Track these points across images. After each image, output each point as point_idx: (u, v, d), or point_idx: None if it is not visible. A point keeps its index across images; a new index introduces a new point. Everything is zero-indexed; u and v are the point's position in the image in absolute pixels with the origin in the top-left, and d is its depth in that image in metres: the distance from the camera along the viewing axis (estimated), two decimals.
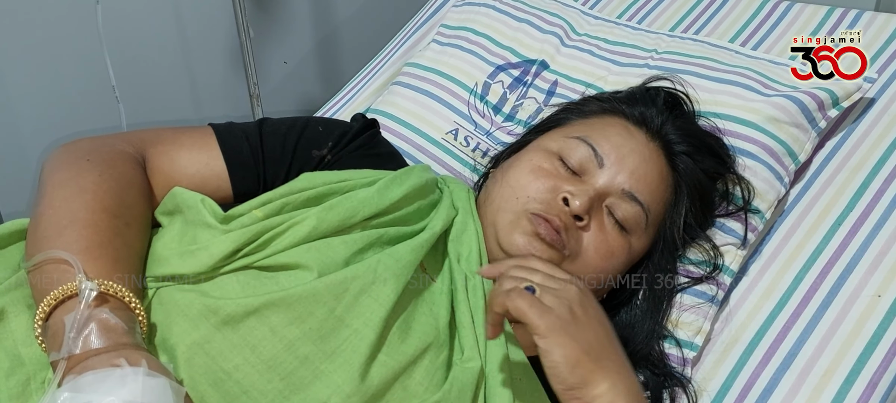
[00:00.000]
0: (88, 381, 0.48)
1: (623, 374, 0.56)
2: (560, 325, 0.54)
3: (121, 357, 0.50)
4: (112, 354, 0.50)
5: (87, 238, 0.58)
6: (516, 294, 0.55)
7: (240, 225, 0.62)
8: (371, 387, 0.56)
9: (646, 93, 0.81)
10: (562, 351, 0.53)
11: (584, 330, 0.55)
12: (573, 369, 0.53)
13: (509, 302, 0.55)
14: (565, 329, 0.54)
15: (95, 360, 0.50)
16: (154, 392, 0.49)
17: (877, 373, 0.75)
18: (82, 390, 0.48)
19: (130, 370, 0.49)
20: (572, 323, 0.54)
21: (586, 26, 1.05)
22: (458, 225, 0.71)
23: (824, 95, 0.89)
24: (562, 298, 0.55)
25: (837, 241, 0.85)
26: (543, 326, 0.53)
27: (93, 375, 0.48)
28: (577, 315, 0.55)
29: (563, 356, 0.53)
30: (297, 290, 0.58)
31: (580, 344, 0.54)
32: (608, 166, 0.71)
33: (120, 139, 0.70)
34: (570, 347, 0.53)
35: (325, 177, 0.68)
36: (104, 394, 0.47)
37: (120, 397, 0.47)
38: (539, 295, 0.56)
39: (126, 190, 0.64)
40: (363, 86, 1.20)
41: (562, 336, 0.53)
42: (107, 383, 0.48)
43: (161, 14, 1.46)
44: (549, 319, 0.53)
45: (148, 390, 0.48)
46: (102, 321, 0.53)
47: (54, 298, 0.54)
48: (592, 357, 0.54)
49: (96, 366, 0.49)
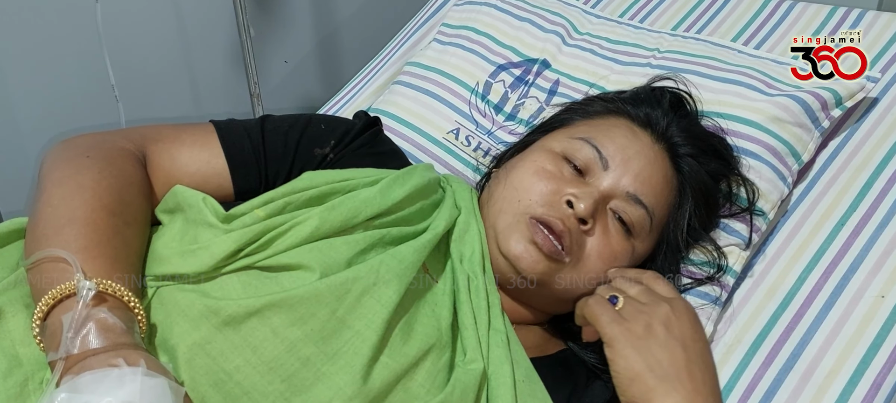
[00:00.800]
0: (86, 381, 0.48)
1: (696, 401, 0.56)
2: (628, 338, 0.55)
3: (119, 357, 0.49)
4: (110, 354, 0.50)
5: (86, 236, 0.57)
6: (595, 301, 0.58)
7: (241, 224, 0.62)
8: (373, 389, 0.56)
9: (651, 93, 0.80)
10: (624, 363, 0.55)
11: (656, 348, 0.56)
12: (631, 382, 0.55)
13: (586, 307, 0.58)
14: (633, 342, 0.55)
15: (93, 360, 0.49)
16: (153, 392, 0.48)
17: (881, 374, 0.75)
18: (80, 390, 0.47)
19: (129, 370, 0.48)
20: (644, 338, 0.56)
21: (588, 25, 1.05)
22: (461, 225, 0.70)
23: (827, 95, 0.89)
24: (643, 313, 0.57)
25: (841, 241, 0.85)
26: (609, 335, 0.56)
27: (90, 375, 0.48)
28: (655, 332, 0.56)
29: (623, 367, 0.55)
30: (298, 291, 0.57)
31: (645, 360, 0.55)
32: (613, 168, 0.71)
33: (120, 135, 0.69)
34: (634, 360, 0.55)
35: (327, 177, 0.68)
36: (102, 395, 0.47)
37: (118, 397, 0.47)
38: (621, 307, 0.58)
39: (126, 187, 0.63)
40: (364, 85, 1.20)
41: (627, 349, 0.55)
42: (105, 383, 0.47)
43: (161, 13, 1.45)
44: (618, 330, 0.56)
45: (146, 390, 0.48)
46: (100, 320, 0.52)
47: (52, 297, 0.53)
48: (657, 376, 0.55)
49: (94, 366, 0.49)
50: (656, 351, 0.56)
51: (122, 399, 0.47)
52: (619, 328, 0.56)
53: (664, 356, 0.56)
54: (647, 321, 0.57)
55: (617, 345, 0.55)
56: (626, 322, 0.56)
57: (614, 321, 0.56)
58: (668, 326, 0.57)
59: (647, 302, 0.58)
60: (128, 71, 1.37)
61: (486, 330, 0.64)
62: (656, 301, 0.59)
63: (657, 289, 0.61)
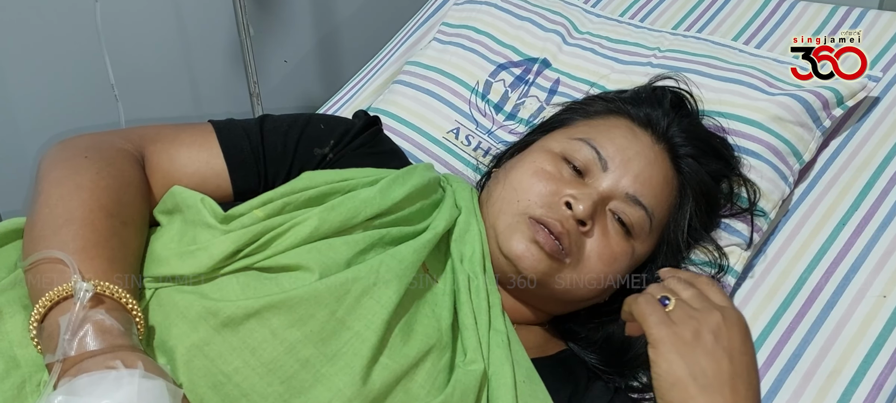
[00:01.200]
0: (83, 384, 0.47)
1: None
2: (673, 341, 0.54)
3: (116, 360, 0.49)
4: (107, 356, 0.49)
5: (84, 237, 0.57)
6: (645, 299, 0.56)
7: (240, 225, 0.61)
8: (372, 390, 0.56)
9: (652, 93, 0.80)
10: (667, 367, 0.54)
11: (702, 356, 0.54)
12: (671, 387, 0.54)
13: (635, 305, 0.56)
14: (677, 347, 0.54)
15: (91, 362, 0.49)
16: (150, 395, 0.48)
17: (882, 374, 0.74)
18: (77, 392, 0.47)
19: (126, 372, 0.48)
20: (691, 344, 0.54)
21: (589, 24, 1.04)
22: (461, 225, 0.70)
23: (829, 94, 0.88)
24: (693, 318, 0.55)
25: (842, 241, 0.84)
26: (655, 336, 0.54)
27: (87, 377, 0.48)
28: (704, 340, 0.54)
29: (666, 371, 0.54)
30: (297, 292, 0.57)
31: (688, 367, 0.53)
32: (612, 169, 0.70)
33: (119, 136, 0.69)
34: (676, 365, 0.53)
35: (326, 177, 0.67)
36: (99, 397, 0.46)
37: (115, 400, 0.46)
38: (671, 309, 0.56)
39: (124, 188, 0.63)
40: (364, 85, 1.20)
41: (671, 353, 0.54)
42: (102, 386, 0.47)
43: (160, 12, 1.45)
44: (663, 332, 0.54)
45: (144, 392, 0.47)
46: (98, 322, 0.52)
47: (49, 299, 0.53)
48: (699, 385, 0.53)
49: (91, 368, 0.48)
50: (702, 360, 0.54)
51: (119, 401, 0.46)
52: (667, 330, 0.54)
53: (709, 365, 0.54)
54: (697, 327, 0.55)
55: (662, 348, 0.54)
56: (674, 325, 0.54)
57: (663, 322, 0.54)
58: (717, 335, 0.55)
59: (698, 308, 0.56)
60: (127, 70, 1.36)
61: (487, 330, 0.63)
62: (708, 307, 0.56)
63: (711, 295, 0.58)
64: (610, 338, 0.75)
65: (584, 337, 0.76)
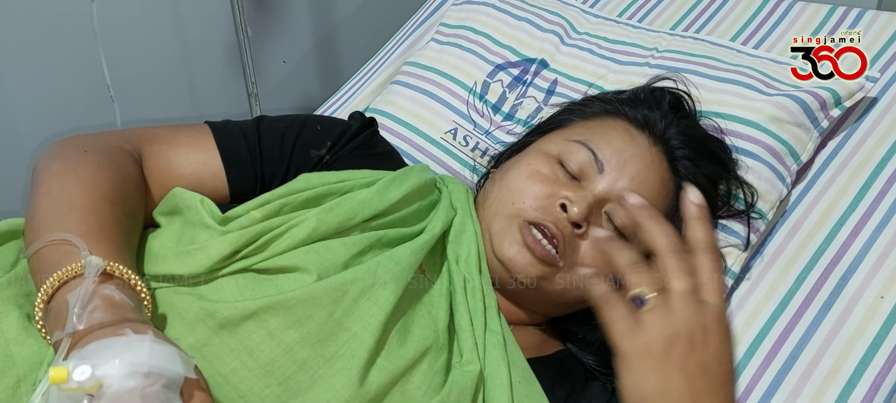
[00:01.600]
0: (92, 350, 0.46)
1: None
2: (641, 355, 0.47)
3: (126, 328, 0.48)
4: (117, 326, 0.49)
5: (88, 222, 0.56)
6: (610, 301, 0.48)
7: (238, 226, 0.61)
8: (369, 392, 0.56)
9: (650, 94, 0.79)
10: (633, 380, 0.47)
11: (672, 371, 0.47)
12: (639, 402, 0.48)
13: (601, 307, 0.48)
14: (646, 361, 0.47)
15: (99, 333, 0.48)
16: (162, 357, 0.47)
17: (880, 375, 0.74)
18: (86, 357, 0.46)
19: (136, 337, 0.47)
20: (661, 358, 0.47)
21: (586, 25, 1.04)
22: (457, 226, 0.70)
23: (827, 94, 0.88)
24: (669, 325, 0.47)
25: (840, 242, 0.84)
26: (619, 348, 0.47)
27: (97, 344, 0.47)
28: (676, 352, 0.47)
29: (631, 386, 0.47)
30: (295, 294, 0.57)
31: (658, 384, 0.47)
32: (608, 171, 0.70)
33: (116, 136, 0.69)
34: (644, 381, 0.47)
35: (323, 178, 0.67)
36: (110, 357, 0.45)
37: (125, 360, 0.45)
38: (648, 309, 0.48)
39: (124, 181, 0.63)
40: (362, 85, 1.20)
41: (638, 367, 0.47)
42: (112, 348, 0.46)
43: (157, 13, 1.45)
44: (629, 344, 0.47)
45: (155, 354, 0.46)
46: (107, 296, 0.51)
47: (58, 279, 0.52)
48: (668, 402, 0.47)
49: (100, 337, 0.47)
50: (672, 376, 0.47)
51: (130, 361, 0.45)
52: (634, 343, 0.47)
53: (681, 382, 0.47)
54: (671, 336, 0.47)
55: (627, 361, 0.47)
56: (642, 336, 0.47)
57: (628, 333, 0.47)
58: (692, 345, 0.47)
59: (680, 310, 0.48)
60: (124, 71, 1.36)
61: (483, 331, 0.63)
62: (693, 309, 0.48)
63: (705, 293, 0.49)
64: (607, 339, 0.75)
65: (582, 338, 0.76)
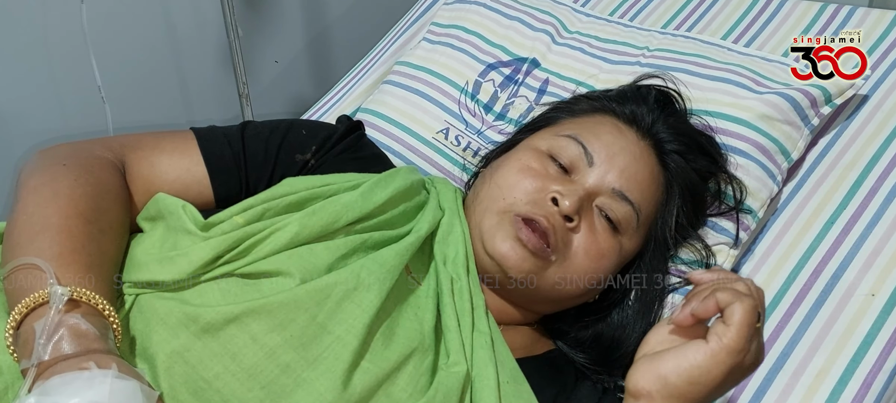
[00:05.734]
0: (55, 384, 0.47)
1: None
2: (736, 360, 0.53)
3: (90, 361, 0.48)
4: (81, 358, 0.49)
5: (60, 243, 0.56)
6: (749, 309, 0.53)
7: (220, 231, 0.61)
8: (354, 395, 0.55)
9: (637, 91, 0.80)
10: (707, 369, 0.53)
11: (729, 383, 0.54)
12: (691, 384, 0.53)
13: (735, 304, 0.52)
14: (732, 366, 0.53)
15: (64, 365, 0.49)
16: (122, 394, 0.47)
17: (871, 373, 0.74)
18: (49, 393, 0.46)
19: (99, 372, 0.48)
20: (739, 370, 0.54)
21: (578, 24, 1.04)
22: (445, 226, 0.70)
23: (817, 92, 0.88)
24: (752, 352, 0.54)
25: (830, 240, 0.84)
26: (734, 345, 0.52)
27: (60, 378, 0.47)
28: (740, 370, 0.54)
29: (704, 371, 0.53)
30: (277, 297, 0.56)
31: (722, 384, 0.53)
32: (598, 165, 0.70)
33: (99, 144, 0.69)
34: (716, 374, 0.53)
35: (307, 182, 0.67)
36: (69, 396, 0.46)
37: (86, 399, 0.46)
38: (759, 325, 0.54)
39: (102, 195, 0.62)
40: (354, 85, 1.19)
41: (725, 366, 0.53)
42: (73, 385, 0.47)
43: (147, 13, 1.44)
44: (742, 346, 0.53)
45: (116, 391, 0.47)
46: (73, 326, 0.51)
47: (25, 306, 0.52)
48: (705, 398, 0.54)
49: (64, 371, 0.48)
50: (727, 385, 0.54)
51: (90, 400, 0.46)
52: (744, 344, 0.52)
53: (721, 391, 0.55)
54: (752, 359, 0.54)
55: (725, 356, 0.52)
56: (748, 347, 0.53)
57: (749, 338, 0.52)
58: (743, 371, 0.55)
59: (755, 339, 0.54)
60: (114, 72, 1.35)
61: (470, 331, 0.63)
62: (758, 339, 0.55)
63: None
64: (599, 337, 0.75)
65: (573, 337, 0.76)
